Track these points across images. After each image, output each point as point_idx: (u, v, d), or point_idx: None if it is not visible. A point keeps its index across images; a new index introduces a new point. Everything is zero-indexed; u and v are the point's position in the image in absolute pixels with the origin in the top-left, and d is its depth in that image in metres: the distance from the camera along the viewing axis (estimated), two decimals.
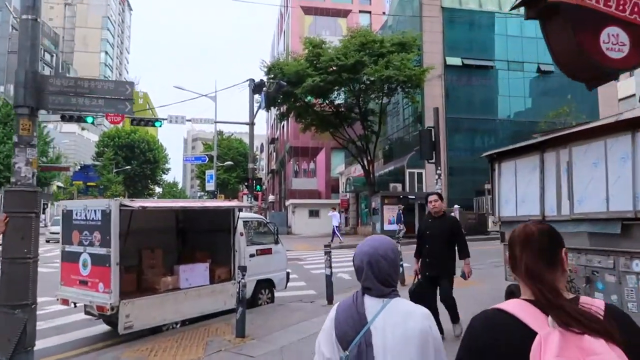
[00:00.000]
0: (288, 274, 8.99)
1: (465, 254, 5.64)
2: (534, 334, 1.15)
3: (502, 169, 6.42)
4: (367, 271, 1.76)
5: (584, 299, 1.24)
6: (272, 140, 68.73)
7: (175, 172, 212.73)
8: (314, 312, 7.84)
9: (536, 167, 5.71)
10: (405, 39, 25.23)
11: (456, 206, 25.45)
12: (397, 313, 1.71)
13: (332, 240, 24.04)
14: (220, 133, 61.61)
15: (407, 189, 26.17)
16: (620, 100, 31.17)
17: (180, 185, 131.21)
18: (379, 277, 1.76)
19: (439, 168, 11.61)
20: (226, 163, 40.68)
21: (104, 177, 51.76)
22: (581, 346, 1.11)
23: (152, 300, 6.58)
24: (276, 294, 8.90)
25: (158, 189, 79.66)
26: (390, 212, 23.63)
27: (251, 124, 25.30)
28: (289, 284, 11.19)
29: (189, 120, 25.67)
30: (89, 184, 52.19)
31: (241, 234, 7.95)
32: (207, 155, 31.44)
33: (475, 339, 1.28)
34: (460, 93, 27.90)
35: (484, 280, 9.68)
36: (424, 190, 26.15)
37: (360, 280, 1.80)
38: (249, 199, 25.13)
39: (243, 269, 6.42)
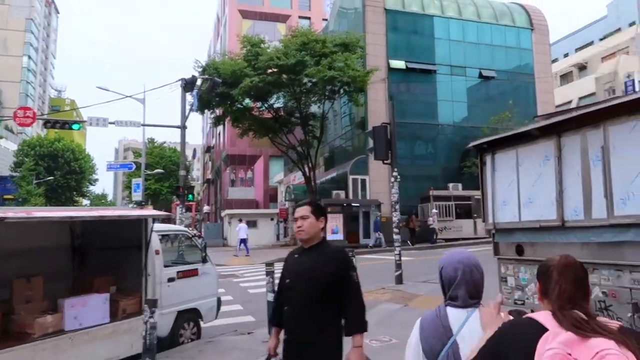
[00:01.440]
0: (219, 300, 7.13)
1: (355, 326, 2.73)
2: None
3: (496, 161, 5.00)
4: (461, 280, 1.81)
5: (601, 319, 1.41)
6: (208, 149, 65.86)
7: (105, 183, 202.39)
8: (253, 350, 6.06)
9: (550, 157, 4.32)
10: (349, 39, 24.05)
11: (434, 210, 24.17)
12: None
13: (237, 254, 22.73)
14: (151, 140, 58.05)
15: (351, 196, 24.87)
16: (557, 106, 31.84)
17: (110, 197, 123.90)
18: (469, 287, 1.81)
19: (395, 169, 10.20)
20: (155, 171, 37.54)
21: (23, 189, 47.40)
22: (589, 344, 1.28)
23: (18, 353, 4.55)
24: (204, 326, 7.01)
25: (85, 201, 74.41)
26: (333, 221, 22.16)
27: (182, 127, 23.03)
28: (223, 309, 9.35)
29: (112, 123, 22.95)
30: (5, 196, 47.28)
31: (157, 252, 6.03)
32: (134, 162, 28.58)
33: (495, 338, 1.48)
34: (404, 97, 27.08)
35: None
36: (368, 197, 24.97)
37: (448, 290, 1.84)
38: (181, 209, 22.79)
39: (152, 303, 4.55)
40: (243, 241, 23.39)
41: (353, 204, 22.94)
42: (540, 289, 1.57)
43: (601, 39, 47.56)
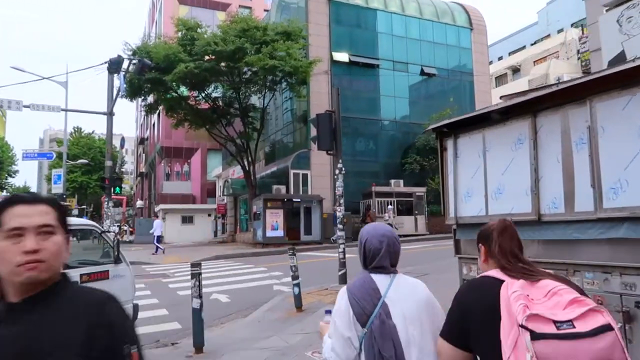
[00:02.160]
0: (136, 307, 6.09)
1: None
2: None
3: (460, 146, 4.35)
4: (385, 252, 1.92)
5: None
6: (142, 141, 62.69)
7: (28, 175, 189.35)
8: None
9: (524, 140, 3.70)
10: (291, 28, 23.15)
11: (390, 207, 23.70)
12: (405, 285, 1.92)
13: (156, 252, 21.41)
14: (77, 129, 54.29)
15: (292, 192, 24.06)
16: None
17: (33, 190, 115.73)
18: (392, 257, 1.95)
19: (340, 161, 9.49)
20: (79, 161, 34.76)
21: None
22: (539, 285, 1.56)
23: None
24: None
25: (4, 194, 68.69)
26: (274, 217, 21.28)
27: (109, 114, 21.27)
28: (145, 314, 8.26)
29: (27, 107, 20.78)
30: None
31: None
32: (54, 152, 26.11)
33: (458, 300, 1.70)
34: (346, 91, 26.48)
35: None
36: (310, 193, 24.27)
37: (372, 262, 1.93)
38: (108, 203, 21.03)
39: None
40: (157, 239, 21.99)
41: (294, 200, 22.16)
42: (485, 252, 1.82)
43: (532, 44, 49.73)
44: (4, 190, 68.08)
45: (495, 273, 1.67)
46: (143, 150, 62.43)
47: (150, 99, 26.43)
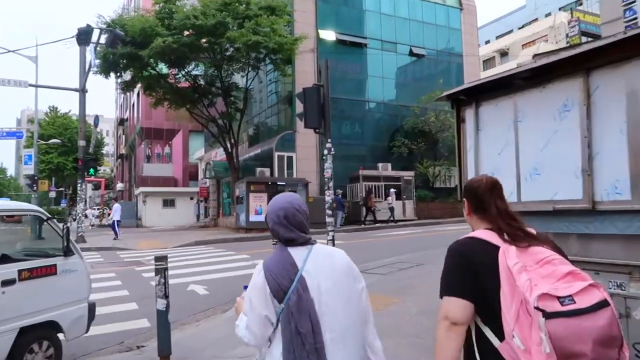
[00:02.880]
0: (92, 306, 5.19)
1: None
2: (497, 248, 1.63)
3: (482, 117, 3.53)
4: (287, 224, 1.85)
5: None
6: (121, 121, 60.94)
7: (5, 156, 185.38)
8: None
9: (572, 106, 2.89)
10: (275, 2, 21.98)
11: (392, 190, 23.34)
12: (323, 254, 1.86)
13: (116, 237, 20.41)
14: (53, 109, 52.34)
15: (276, 175, 23.17)
16: None
17: (11, 172, 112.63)
18: (298, 227, 1.86)
19: (329, 140, 8.63)
20: (51, 141, 33.15)
21: None
22: (531, 252, 1.60)
23: None
24: (71, 343, 5.07)
25: None
26: (257, 201, 20.41)
27: (82, 91, 20.05)
28: (111, 310, 7.44)
29: None
30: None
31: None
32: (24, 131, 24.64)
33: (458, 253, 1.72)
34: (333, 72, 25.37)
35: (405, 292, 6.93)
36: (295, 176, 23.41)
37: (279, 236, 1.88)
38: (81, 185, 19.94)
39: None
40: (116, 224, 20.88)
41: (279, 183, 21.26)
42: (469, 206, 1.86)
43: (520, 28, 49.14)
44: None
45: (485, 235, 1.71)
46: (123, 132, 60.74)
47: (127, 76, 25.09)
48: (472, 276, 1.63)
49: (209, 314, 7.30)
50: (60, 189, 53.05)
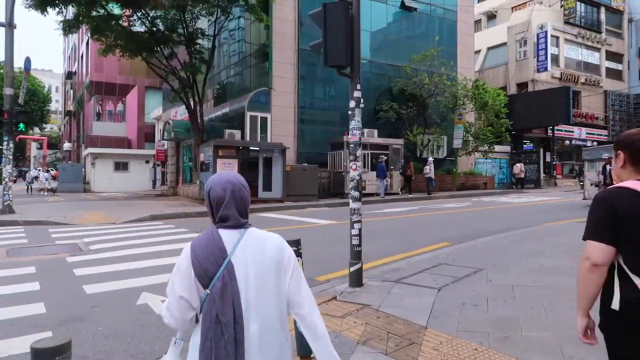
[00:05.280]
0: None
1: None
2: None
3: None
4: (230, 199, 1.78)
5: None
6: (69, 75, 55.18)
7: None
8: None
9: None
10: None
11: (430, 159, 21.81)
12: (255, 240, 1.77)
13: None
14: None
15: (248, 138, 19.99)
16: (476, 52, 29.39)
17: None
18: (239, 206, 1.79)
19: (358, 86, 5.69)
20: None
21: None
22: None
23: None
24: None
25: None
26: (226, 168, 17.23)
27: (9, 25, 16.05)
28: (9, 345, 4.40)
29: None
30: None
31: None
32: None
33: (603, 201, 1.84)
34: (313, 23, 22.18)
35: (513, 339, 4.17)
36: (270, 140, 20.29)
37: (217, 211, 1.79)
38: (7, 143, 16.15)
39: None
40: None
41: (251, 148, 18.13)
42: (625, 158, 1.92)
43: None
44: None
45: (636, 185, 1.82)
46: (71, 87, 55.10)
47: (70, 14, 20.88)
48: (615, 223, 1.78)
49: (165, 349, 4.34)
50: None
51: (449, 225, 11.84)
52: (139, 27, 21.98)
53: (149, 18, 21.10)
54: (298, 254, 4.05)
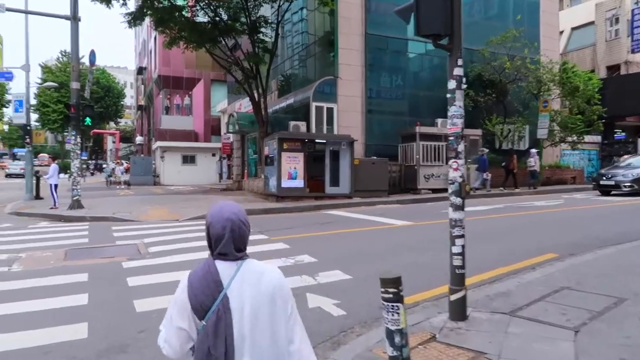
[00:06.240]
0: None
1: None
2: None
3: None
4: (229, 238, 1.75)
5: None
6: (140, 70, 57.04)
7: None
8: None
9: None
10: None
11: (533, 150, 20.79)
12: (252, 273, 1.74)
13: (55, 205, 15.58)
14: (66, 54, 48.53)
15: (314, 130, 19.00)
16: (561, 33, 26.64)
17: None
18: (237, 243, 1.77)
19: (459, 61, 4.40)
20: (46, 84, 29.02)
21: None
22: None
23: None
24: None
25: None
26: (292, 162, 16.35)
27: (73, 18, 15.98)
28: None
29: None
30: None
31: None
32: (12, 70, 20.75)
33: None
34: (382, 5, 20.67)
35: None
36: (336, 132, 19.19)
37: (216, 247, 1.77)
38: (75, 137, 16.07)
39: None
40: (54, 188, 15.91)
41: (317, 140, 17.09)
42: None
43: None
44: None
45: None
46: (142, 81, 56.92)
47: (133, 6, 20.78)
48: None
49: None
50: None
51: (547, 228, 10.18)
52: (202, 18, 21.59)
53: (212, 7, 20.60)
54: (398, 298, 2.87)
